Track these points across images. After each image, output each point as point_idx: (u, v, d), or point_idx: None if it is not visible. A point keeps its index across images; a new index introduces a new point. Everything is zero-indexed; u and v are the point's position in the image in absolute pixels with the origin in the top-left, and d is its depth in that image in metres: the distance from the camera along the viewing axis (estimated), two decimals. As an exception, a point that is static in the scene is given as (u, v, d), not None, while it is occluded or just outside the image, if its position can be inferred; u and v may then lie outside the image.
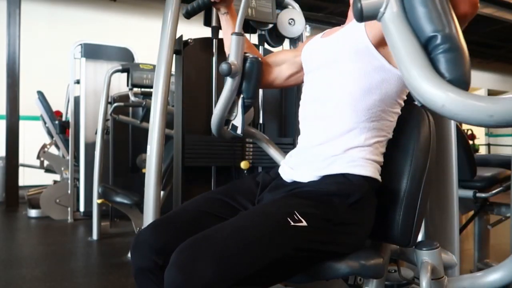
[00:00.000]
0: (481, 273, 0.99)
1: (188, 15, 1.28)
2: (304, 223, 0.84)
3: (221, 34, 1.95)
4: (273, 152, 1.40)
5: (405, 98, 1.03)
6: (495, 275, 0.94)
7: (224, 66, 1.11)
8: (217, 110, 1.20)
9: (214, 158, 1.90)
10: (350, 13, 1.12)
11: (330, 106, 1.01)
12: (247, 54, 1.15)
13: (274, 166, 1.20)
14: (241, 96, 1.17)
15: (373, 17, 0.64)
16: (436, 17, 0.59)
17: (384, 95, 0.97)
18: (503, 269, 0.94)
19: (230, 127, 1.22)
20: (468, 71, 0.61)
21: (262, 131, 2.05)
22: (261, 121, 2.07)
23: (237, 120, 1.19)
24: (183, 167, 1.81)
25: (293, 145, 2.03)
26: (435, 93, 0.56)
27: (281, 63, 1.23)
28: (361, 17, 0.64)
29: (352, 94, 0.97)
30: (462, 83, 0.59)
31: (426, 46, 0.61)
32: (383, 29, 0.65)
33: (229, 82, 1.15)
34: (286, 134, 2.14)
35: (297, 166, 1.04)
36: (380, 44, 0.96)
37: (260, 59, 1.17)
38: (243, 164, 1.89)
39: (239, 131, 1.19)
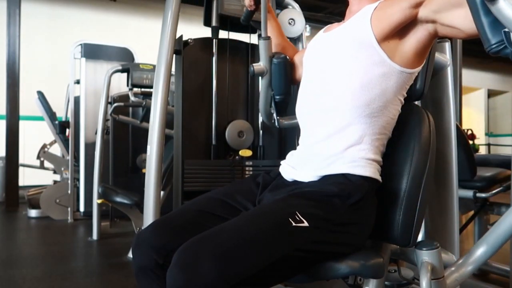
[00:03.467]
0: (463, 258, 1.01)
1: (246, 24, 1.44)
2: (306, 224, 0.84)
3: (221, 34, 1.96)
4: None
5: (405, 95, 1.03)
6: (478, 252, 0.96)
7: (250, 69, 1.26)
8: (260, 104, 1.36)
9: (213, 182, 1.91)
10: (348, 11, 1.13)
11: (330, 99, 1.01)
12: (276, 55, 1.25)
13: None
14: (272, 92, 1.29)
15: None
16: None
17: (384, 90, 0.97)
18: (483, 245, 0.96)
19: (273, 119, 1.38)
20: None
21: (261, 155, 2.07)
22: (260, 144, 2.08)
23: (275, 114, 1.35)
24: (183, 160, 1.81)
25: None
26: None
27: (302, 62, 1.24)
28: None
29: (352, 87, 0.97)
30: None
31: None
32: (494, 12, 0.68)
33: (262, 81, 1.30)
34: (285, 156, 2.15)
35: (299, 166, 1.04)
36: (384, 38, 0.96)
37: (287, 58, 1.26)
38: (243, 152, 1.91)
39: (276, 123, 1.37)
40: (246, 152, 1.93)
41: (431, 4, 0.90)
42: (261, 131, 2.09)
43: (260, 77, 1.28)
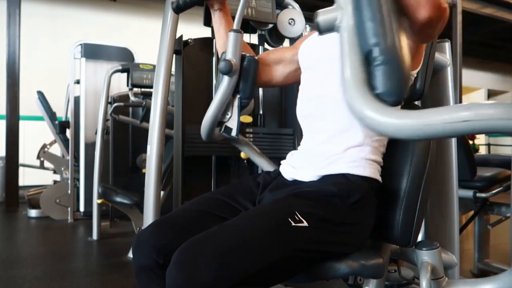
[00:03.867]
0: (480, 280, 0.99)
1: (179, 10, 1.21)
2: (305, 224, 0.84)
3: (221, 34, 1.95)
4: (263, 161, 1.37)
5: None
6: (491, 285, 0.94)
7: (223, 63, 1.07)
8: (211, 111, 1.16)
9: (214, 147, 1.90)
10: None
11: (328, 103, 1.01)
12: (244, 53, 1.13)
13: (273, 157, 1.19)
14: (238, 96, 1.13)
15: (331, 30, 0.66)
16: (378, 30, 0.60)
17: None
18: (501, 279, 0.94)
19: (223, 129, 1.17)
20: (401, 83, 0.61)
21: (262, 122, 2.06)
22: (261, 112, 2.07)
23: (232, 122, 1.14)
24: (183, 158, 1.81)
25: (293, 135, 2.03)
26: (358, 107, 0.57)
27: (279, 62, 1.22)
28: (320, 31, 0.67)
29: None
30: (391, 95, 0.59)
31: (367, 59, 0.61)
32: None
33: (225, 81, 1.11)
34: (286, 125, 2.14)
35: (299, 165, 1.04)
36: None
37: (256, 57, 1.15)
38: (243, 154, 1.89)
39: (233, 133, 1.15)
40: (246, 118, 1.90)
41: None
42: (261, 99, 2.08)
43: (226, 77, 1.11)
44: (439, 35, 1.13)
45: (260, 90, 2.06)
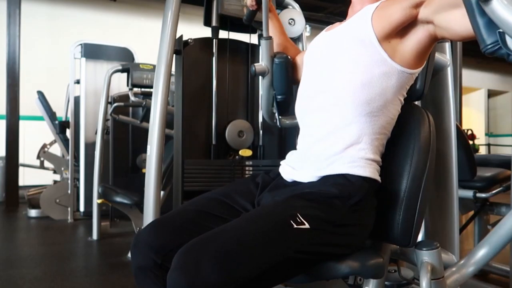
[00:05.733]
0: (464, 259, 1.00)
1: (249, 23, 1.45)
2: (307, 225, 0.84)
3: (221, 34, 1.96)
4: None
5: (406, 95, 1.03)
6: (480, 253, 0.95)
7: (251, 68, 1.27)
8: (262, 104, 1.39)
9: (213, 182, 1.91)
10: (350, 10, 1.13)
11: (330, 97, 1.01)
12: (278, 54, 1.26)
13: None
14: (273, 92, 1.30)
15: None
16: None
17: (385, 89, 0.97)
18: (484, 246, 0.95)
19: (275, 119, 1.39)
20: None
21: (261, 154, 2.07)
22: (260, 143, 2.08)
23: (277, 114, 1.37)
24: (183, 158, 1.81)
25: None
26: None
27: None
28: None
29: (352, 85, 0.97)
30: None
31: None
32: (488, 13, 0.67)
33: (263, 81, 1.30)
34: (286, 156, 2.14)
35: (298, 166, 1.04)
36: (385, 38, 0.95)
37: (289, 57, 1.26)
38: (243, 152, 1.91)
39: (278, 123, 1.38)
40: (246, 152, 1.93)
41: (430, 5, 0.90)
42: (261, 131, 2.09)
43: (261, 77, 1.28)
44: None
45: (260, 120, 2.08)
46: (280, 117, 1.38)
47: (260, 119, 2.08)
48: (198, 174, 1.88)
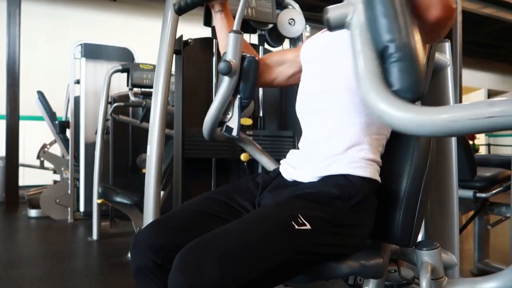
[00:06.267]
0: (480, 278, 0.99)
1: (180, 11, 1.21)
2: (308, 226, 0.84)
3: (221, 34, 1.95)
4: (264, 160, 1.36)
5: (405, 96, 1.03)
6: (492, 284, 0.94)
7: (223, 64, 1.08)
8: (212, 111, 1.17)
9: (214, 150, 1.90)
10: None
11: (329, 99, 1.01)
12: (244, 53, 1.14)
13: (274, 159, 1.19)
14: (238, 96, 1.14)
15: (342, 26, 0.66)
16: (392, 26, 0.60)
17: None
18: (501, 277, 0.94)
19: (224, 129, 1.18)
20: (418, 80, 0.60)
21: (262, 125, 2.06)
22: (261, 114, 2.07)
23: (233, 122, 1.16)
24: (183, 160, 1.81)
25: (293, 138, 2.03)
26: (374, 103, 0.57)
27: (282, 63, 1.23)
28: (330, 27, 0.68)
29: (350, 87, 0.97)
30: (408, 92, 0.59)
31: (382, 55, 0.61)
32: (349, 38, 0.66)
33: (226, 82, 1.12)
34: (287, 127, 2.14)
35: (299, 166, 1.04)
36: None
37: (257, 58, 1.16)
38: (243, 157, 1.89)
39: (234, 133, 1.16)
40: (246, 121, 1.90)
41: None
42: (261, 102, 2.08)
43: (227, 77, 1.12)
44: (439, 35, 1.13)
45: (260, 92, 2.06)
46: (237, 126, 1.17)
47: (261, 92, 2.06)
48: (198, 141, 1.86)
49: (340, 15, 0.65)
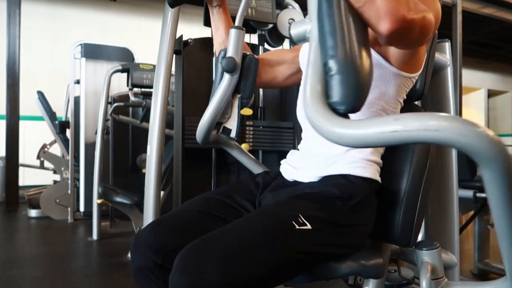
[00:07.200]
0: (479, 283, 0.98)
1: (175, 4, 1.16)
2: (308, 226, 0.84)
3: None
4: (249, 163, 1.35)
5: (405, 97, 1.03)
6: None
7: (226, 61, 1.03)
8: (209, 111, 1.11)
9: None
10: None
11: None
12: (244, 52, 1.11)
13: (273, 150, 1.17)
14: (238, 95, 1.10)
15: (304, 40, 0.74)
16: (335, 43, 0.64)
17: (383, 93, 0.97)
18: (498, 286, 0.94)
19: (221, 130, 1.13)
20: (354, 93, 0.63)
21: (262, 115, 2.06)
22: (261, 105, 2.07)
23: (231, 122, 1.11)
24: (184, 159, 1.80)
25: (293, 129, 2.03)
26: (310, 115, 0.62)
27: (281, 63, 1.22)
28: (293, 42, 0.76)
29: None
30: (343, 104, 0.63)
31: (325, 69, 0.65)
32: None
33: (226, 80, 1.07)
34: (286, 118, 2.14)
35: (300, 166, 1.04)
36: (375, 41, 0.95)
37: (256, 57, 1.13)
38: (243, 147, 1.90)
39: (233, 134, 1.11)
40: (246, 111, 1.90)
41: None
42: (261, 93, 2.08)
43: (227, 75, 1.07)
44: (439, 35, 1.13)
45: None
46: (236, 127, 1.13)
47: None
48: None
49: (300, 31, 0.74)
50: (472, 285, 0.98)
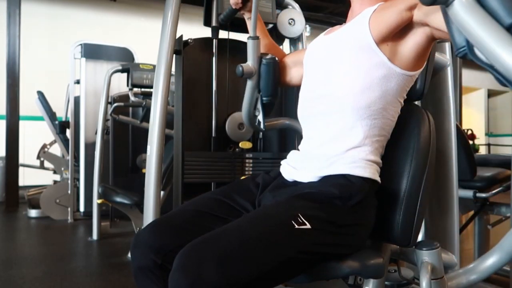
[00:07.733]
0: (475, 262, 0.99)
1: (225, 23, 1.47)
2: (308, 226, 0.84)
3: (221, 34, 1.96)
4: None
5: (405, 97, 1.03)
6: (490, 260, 0.94)
7: (237, 69, 1.22)
8: (243, 107, 1.32)
9: (213, 174, 1.92)
10: (350, 13, 1.12)
11: (331, 102, 1.01)
12: (264, 55, 1.22)
13: None
14: (259, 95, 1.26)
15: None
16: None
17: (385, 92, 0.97)
18: (497, 252, 0.94)
19: (256, 122, 1.33)
20: None
21: (261, 147, 2.08)
22: (260, 136, 2.12)
23: (260, 116, 1.30)
24: (183, 160, 1.81)
25: None
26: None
27: (297, 63, 1.25)
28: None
29: (352, 90, 0.97)
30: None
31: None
32: (450, 17, 0.61)
33: (248, 83, 1.26)
34: (286, 149, 2.15)
35: (300, 166, 1.04)
36: (383, 41, 0.95)
37: (276, 59, 1.23)
38: (243, 145, 1.91)
39: (262, 126, 1.31)
40: (246, 144, 1.92)
41: (422, 7, 0.90)
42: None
43: (247, 78, 1.24)
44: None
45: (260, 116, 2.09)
46: (263, 120, 1.32)
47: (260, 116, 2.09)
48: (198, 166, 1.87)
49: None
50: (471, 267, 0.98)
